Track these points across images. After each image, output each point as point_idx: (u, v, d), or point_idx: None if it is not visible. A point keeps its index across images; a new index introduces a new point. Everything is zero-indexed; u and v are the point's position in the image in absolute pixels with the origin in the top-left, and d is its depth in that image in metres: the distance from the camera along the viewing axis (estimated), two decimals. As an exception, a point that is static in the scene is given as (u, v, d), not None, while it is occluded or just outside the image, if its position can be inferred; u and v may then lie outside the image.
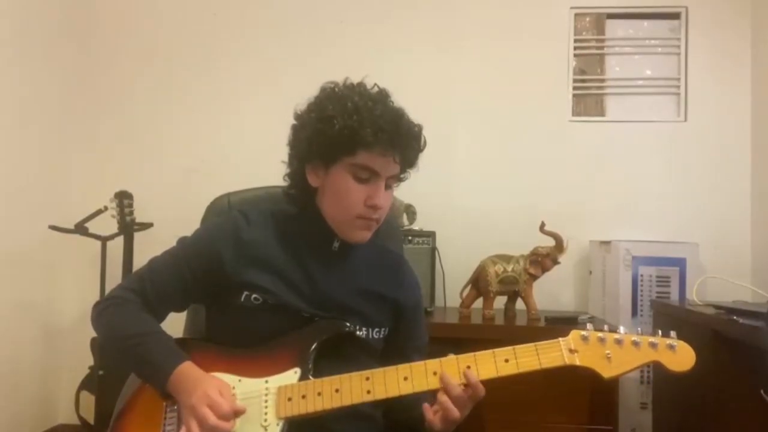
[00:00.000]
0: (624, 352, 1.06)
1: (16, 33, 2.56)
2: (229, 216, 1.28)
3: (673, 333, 1.07)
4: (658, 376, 2.27)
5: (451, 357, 1.09)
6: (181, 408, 1.09)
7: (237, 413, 1.06)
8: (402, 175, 1.25)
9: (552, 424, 2.01)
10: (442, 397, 1.07)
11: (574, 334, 1.07)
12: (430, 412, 1.09)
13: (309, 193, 1.25)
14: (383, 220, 1.24)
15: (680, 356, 1.04)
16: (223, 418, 1.03)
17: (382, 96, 1.21)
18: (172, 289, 1.22)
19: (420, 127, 1.24)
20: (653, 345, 1.05)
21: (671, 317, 2.08)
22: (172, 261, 1.23)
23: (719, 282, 2.20)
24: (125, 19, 2.93)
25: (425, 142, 1.26)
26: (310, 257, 1.24)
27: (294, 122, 1.25)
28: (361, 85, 1.23)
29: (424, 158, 1.27)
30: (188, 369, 1.11)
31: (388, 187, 1.21)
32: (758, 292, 2.11)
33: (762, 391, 1.45)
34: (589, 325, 1.08)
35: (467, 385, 1.07)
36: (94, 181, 2.82)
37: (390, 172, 1.19)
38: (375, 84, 1.23)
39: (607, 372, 1.05)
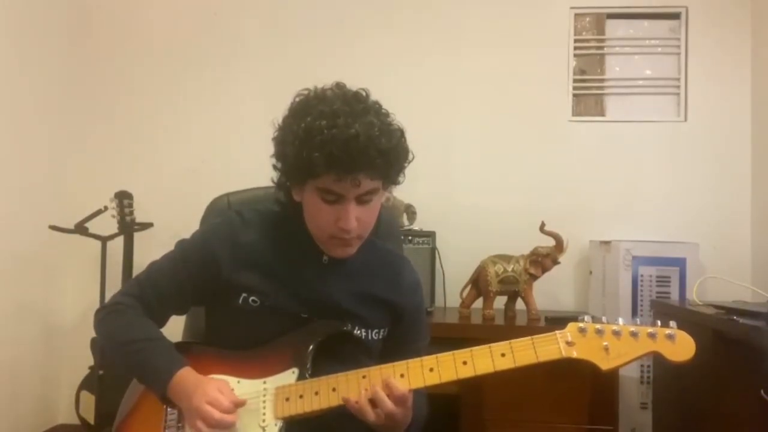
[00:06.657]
0: (622, 343, 1.03)
1: (14, 32, 2.56)
2: (226, 218, 1.27)
3: (672, 323, 1.05)
4: (658, 376, 2.27)
5: (448, 353, 1.09)
6: (183, 413, 1.11)
7: (237, 405, 1.08)
8: (386, 186, 1.17)
9: (552, 424, 2.01)
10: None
11: (571, 327, 1.06)
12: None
13: (296, 205, 1.21)
14: (371, 231, 1.20)
15: (679, 346, 1.02)
16: (225, 412, 1.05)
17: (348, 106, 1.10)
18: (172, 293, 1.22)
19: (393, 139, 1.12)
20: (652, 335, 1.03)
21: (671, 317, 2.05)
22: (171, 265, 1.23)
23: (719, 282, 2.20)
24: (126, 18, 2.93)
25: (405, 151, 1.16)
26: (306, 260, 1.23)
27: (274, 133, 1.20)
28: (328, 93, 1.14)
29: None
30: (187, 374, 1.12)
31: (365, 202, 1.13)
32: (758, 292, 2.10)
33: (762, 391, 1.45)
34: (586, 318, 1.06)
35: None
36: (94, 181, 2.81)
37: (356, 192, 1.10)
38: (342, 88, 1.15)
39: (605, 364, 1.03)
